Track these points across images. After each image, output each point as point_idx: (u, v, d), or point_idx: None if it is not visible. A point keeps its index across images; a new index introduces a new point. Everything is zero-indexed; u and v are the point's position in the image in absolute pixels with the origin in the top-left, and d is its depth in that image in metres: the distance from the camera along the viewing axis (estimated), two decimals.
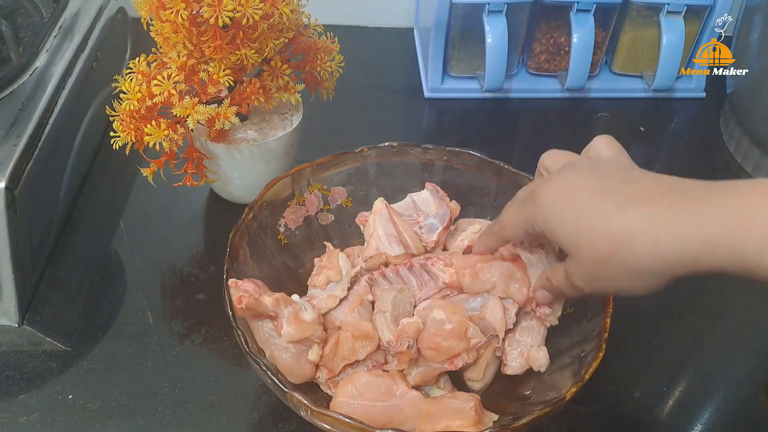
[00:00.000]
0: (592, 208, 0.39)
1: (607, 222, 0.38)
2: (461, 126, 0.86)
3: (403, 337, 0.48)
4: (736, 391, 0.57)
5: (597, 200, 0.39)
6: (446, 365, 0.49)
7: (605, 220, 0.38)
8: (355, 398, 0.47)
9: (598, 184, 0.40)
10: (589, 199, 0.39)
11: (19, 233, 0.56)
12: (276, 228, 0.58)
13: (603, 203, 0.39)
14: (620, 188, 0.39)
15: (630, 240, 0.37)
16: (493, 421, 0.47)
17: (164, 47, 0.57)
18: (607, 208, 0.38)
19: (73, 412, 0.52)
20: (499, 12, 0.78)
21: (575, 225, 0.39)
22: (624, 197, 0.38)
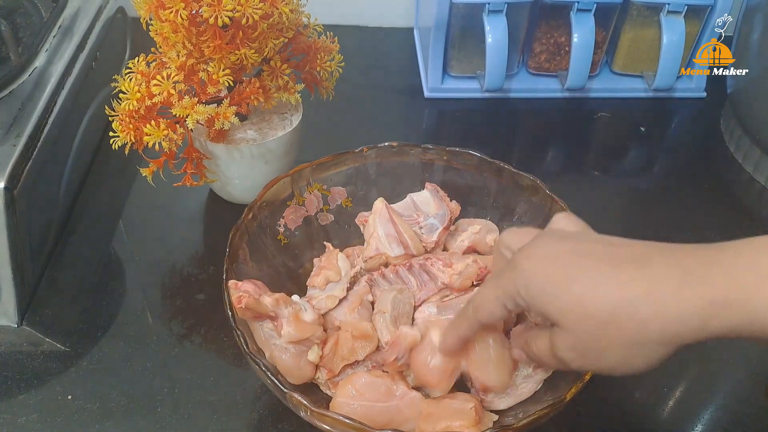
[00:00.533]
0: (583, 271, 0.34)
1: (601, 285, 0.34)
2: (461, 126, 0.86)
3: (395, 348, 0.48)
4: (736, 391, 0.57)
5: (586, 262, 0.35)
6: None
7: (599, 283, 0.34)
8: (354, 399, 0.47)
9: (584, 247, 0.36)
10: (578, 261, 0.35)
11: (18, 233, 0.56)
12: (276, 228, 0.58)
13: (593, 265, 0.34)
14: (609, 250, 0.35)
15: (630, 304, 0.33)
16: (493, 421, 0.47)
17: (164, 47, 0.57)
18: (600, 270, 0.34)
19: (72, 412, 0.52)
20: (500, 12, 0.78)
21: (564, 290, 0.35)
22: (616, 258, 0.34)
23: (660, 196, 0.76)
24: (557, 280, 0.35)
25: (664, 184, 0.79)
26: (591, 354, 0.35)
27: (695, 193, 0.76)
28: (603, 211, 0.72)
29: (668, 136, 0.86)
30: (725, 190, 0.77)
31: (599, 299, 0.34)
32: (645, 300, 0.33)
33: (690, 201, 0.75)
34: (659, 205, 0.75)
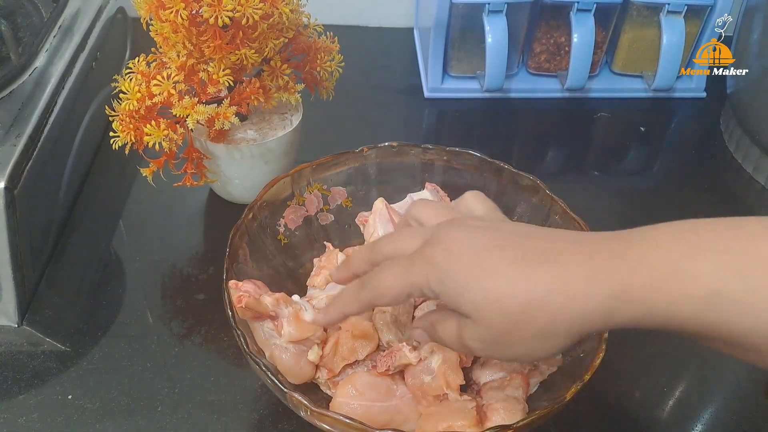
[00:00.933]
0: (495, 266, 0.35)
1: (514, 280, 0.34)
2: (461, 126, 0.86)
3: (388, 360, 0.48)
4: (736, 391, 0.57)
5: (499, 257, 0.35)
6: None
7: (512, 279, 0.34)
8: (354, 398, 0.47)
9: (496, 240, 0.36)
10: (492, 256, 0.35)
11: (18, 233, 0.56)
12: (276, 228, 0.58)
13: (506, 260, 0.35)
14: (522, 243, 0.36)
15: (540, 300, 0.34)
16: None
17: (164, 47, 0.57)
18: (513, 266, 0.35)
19: (72, 412, 0.52)
20: (499, 12, 0.78)
21: (477, 286, 0.35)
22: (528, 252, 0.35)
23: (660, 196, 0.76)
24: (472, 276, 0.35)
25: (664, 184, 0.79)
26: (498, 345, 0.36)
27: (695, 193, 0.76)
28: (603, 211, 0.72)
29: (668, 136, 0.86)
30: (725, 190, 0.77)
31: (512, 296, 0.34)
32: (554, 296, 0.34)
33: (690, 201, 0.75)
34: (659, 205, 0.75)
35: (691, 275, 0.32)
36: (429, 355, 0.49)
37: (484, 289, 0.35)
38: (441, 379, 0.47)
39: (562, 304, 0.34)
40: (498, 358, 0.41)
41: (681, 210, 0.73)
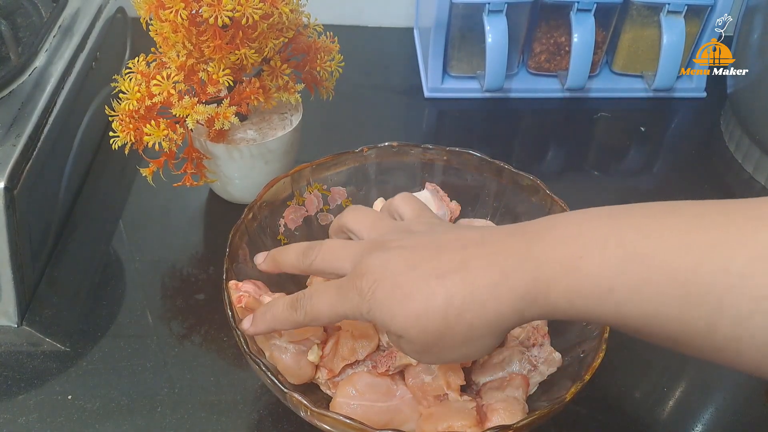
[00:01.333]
0: (413, 287, 0.37)
1: (431, 297, 0.37)
2: (461, 126, 0.86)
3: (388, 361, 0.48)
4: (736, 391, 0.57)
5: (415, 277, 0.38)
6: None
7: (428, 296, 0.37)
8: (354, 399, 0.47)
9: (411, 260, 0.39)
10: (408, 278, 0.38)
11: (18, 233, 0.56)
12: (276, 228, 0.58)
13: (422, 279, 0.37)
14: (432, 257, 0.38)
15: (457, 310, 0.36)
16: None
17: (163, 47, 0.57)
18: (430, 284, 0.37)
19: (72, 412, 0.52)
20: (499, 12, 0.78)
21: (401, 310, 0.38)
22: (440, 266, 0.38)
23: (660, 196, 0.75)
24: (395, 301, 0.38)
25: (664, 184, 0.79)
26: (433, 355, 0.39)
27: (695, 193, 0.76)
28: None
29: (668, 136, 0.86)
30: (725, 190, 0.77)
31: (431, 312, 0.37)
32: (468, 305, 0.36)
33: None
34: None
35: (584, 273, 0.34)
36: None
37: (406, 312, 0.37)
38: (441, 379, 0.47)
39: (477, 311, 0.36)
40: (436, 364, 0.44)
41: None
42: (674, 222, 0.35)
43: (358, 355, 0.49)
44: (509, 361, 0.50)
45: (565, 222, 0.37)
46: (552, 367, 0.49)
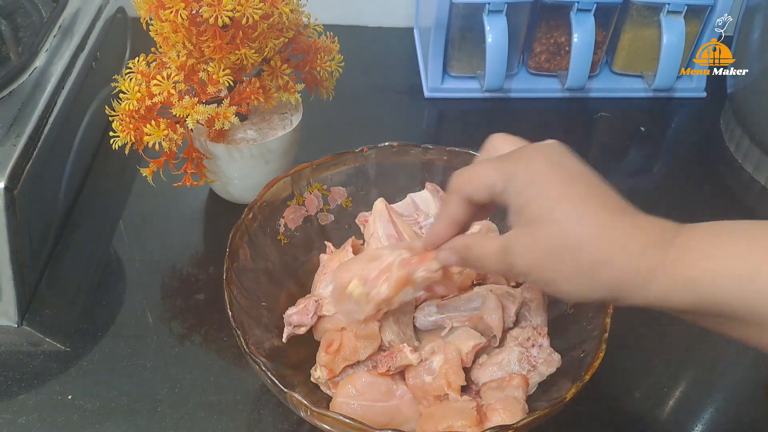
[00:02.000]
0: (576, 195, 0.37)
1: (587, 215, 0.36)
2: (461, 126, 0.86)
3: (389, 361, 0.48)
4: (736, 391, 0.57)
5: (585, 193, 0.37)
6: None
7: (587, 212, 0.36)
8: (355, 398, 0.47)
9: (591, 181, 0.38)
10: (578, 188, 0.37)
11: (18, 233, 0.56)
12: (276, 228, 0.58)
13: (590, 200, 0.37)
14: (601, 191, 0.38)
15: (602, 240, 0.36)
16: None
17: (164, 47, 0.57)
18: (590, 201, 0.37)
19: (72, 412, 0.52)
20: (500, 12, 0.78)
21: (556, 200, 0.37)
22: (606, 201, 0.37)
23: (660, 196, 0.76)
24: (552, 187, 0.37)
25: (664, 184, 0.79)
26: (541, 264, 0.38)
27: (695, 193, 0.76)
28: None
29: (668, 136, 0.86)
30: (725, 190, 0.77)
31: (579, 228, 0.36)
32: (614, 247, 0.36)
33: (690, 201, 0.75)
34: (659, 205, 0.74)
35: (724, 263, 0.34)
36: (430, 356, 0.49)
37: (558, 207, 0.37)
38: (442, 379, 0.47)
39: (614, 255, 0.36)
40: (531, 281, 0.40)
41: (681, 210, 0.73)
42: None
43: (360, 356, 0.49)
44: (509, 362, 0.50)
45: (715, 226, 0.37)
46: (551, 368, 0.49)
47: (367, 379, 0.48)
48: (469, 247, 0.42)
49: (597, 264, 0.36)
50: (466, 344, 0.49)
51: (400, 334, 0.50)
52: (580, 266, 0.36)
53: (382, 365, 0.48)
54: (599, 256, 0.36)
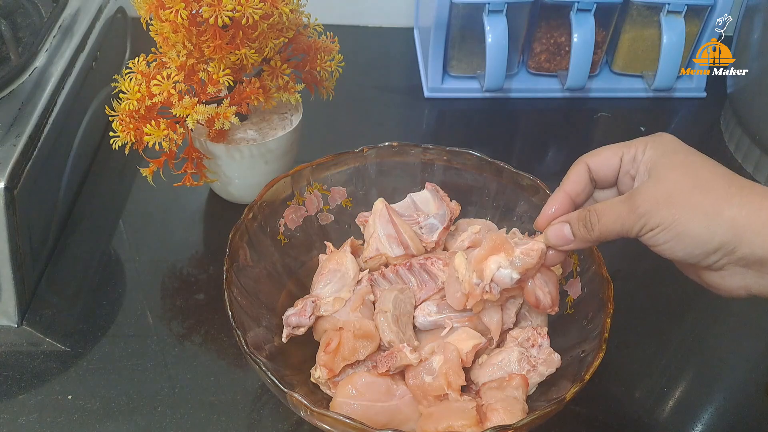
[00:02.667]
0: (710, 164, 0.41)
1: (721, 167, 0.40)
2: (461, 126, 0.86)
3: (389, 361, 0.49)
4: (736, 391, 0.57)
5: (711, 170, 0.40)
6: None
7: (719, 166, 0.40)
8: (354, 398, 0.47)
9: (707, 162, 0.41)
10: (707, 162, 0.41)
11: (18, 233, 0.56)
12: (276, 228, 0.58)
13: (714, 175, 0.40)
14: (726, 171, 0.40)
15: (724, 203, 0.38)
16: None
17: (164, 47, 0.57)
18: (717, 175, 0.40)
19: (72, 412, 0.52)
20: (500, 12, 0.78)
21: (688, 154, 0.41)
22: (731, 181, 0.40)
23: None
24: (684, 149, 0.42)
25: None
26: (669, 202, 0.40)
27: None
28: None
29: None
30: None
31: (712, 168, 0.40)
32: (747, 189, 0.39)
33: None
34: None
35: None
36: (430, 356, 0.49)
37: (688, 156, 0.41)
38: (442, 379, 0.47)
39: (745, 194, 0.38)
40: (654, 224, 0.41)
41: None
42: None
43: (359, 355, 0.49)
44: (508, 362, 0.50)
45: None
46: (551, 368, 0.49)
47: (367, 379, 0.48)
48: (588, 215, 0.44)
49: (726, 200, 0.38)
50: (466, 344, 0.49)
51: (400, 333, 0.50)
52: (709, 201, 0.38)
53: (382, 365, 0.48)
54: (729, 191, 0.38)
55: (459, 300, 0.49)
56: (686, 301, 0.64)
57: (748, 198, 0.38)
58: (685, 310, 0.63)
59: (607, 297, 0.49)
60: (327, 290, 0.54)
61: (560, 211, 0.47)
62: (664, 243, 0.40)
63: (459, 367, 0.48)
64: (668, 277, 0.65)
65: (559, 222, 0.46)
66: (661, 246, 0.41)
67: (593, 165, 0.46)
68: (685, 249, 0.40)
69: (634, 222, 0.41)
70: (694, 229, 0.39)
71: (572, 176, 0.47)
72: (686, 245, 0.40)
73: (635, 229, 0.41)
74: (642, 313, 0.62)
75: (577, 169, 0.47)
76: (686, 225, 0.39)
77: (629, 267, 0.66)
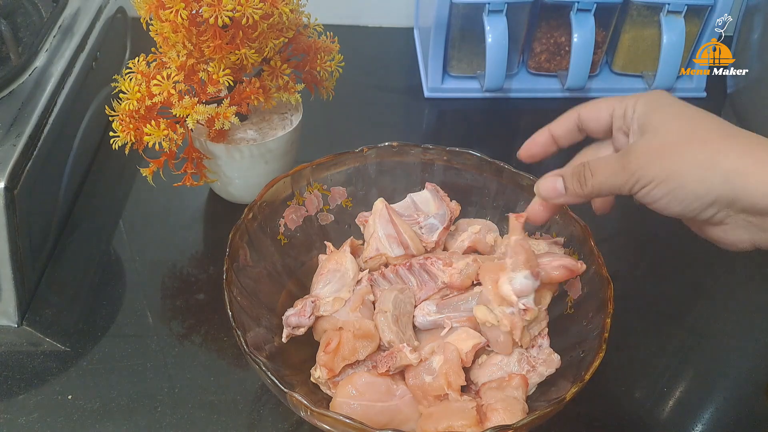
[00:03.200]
0: (703, 115, 0.40)
1: (708, 120, 0.39)
2: (461, 126, 0.86)
3: (389, 361, 0.49)
4: (736, 391, 0.57)
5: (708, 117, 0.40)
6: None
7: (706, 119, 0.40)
8: (354, 398, 0.47)
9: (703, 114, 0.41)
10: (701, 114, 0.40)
11: (18, 233, 0.56)
12: (276, 228, 0.58)
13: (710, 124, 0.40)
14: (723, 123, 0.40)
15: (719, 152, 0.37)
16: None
17: (164, 47, 0.57)
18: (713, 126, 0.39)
19: (72, 412, 0.52)
20: (500, 12, 0.78)
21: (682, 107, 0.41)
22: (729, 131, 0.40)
23: None
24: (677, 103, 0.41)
25: None
26: (665, 157, 0.39)
27: None
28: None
29: None
30: None
31: (707, 119, 0.40)
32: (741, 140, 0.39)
33: None
34: None
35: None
36: (430, 356, 0.49)
37: (682, 108, 0.41)
38: (442, 379, 0.47)
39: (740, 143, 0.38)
40: (650, 179, 0.40)
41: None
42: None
43: (359, 355, 0.49)
44: (508, 362, 0.50)
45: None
46: (551, 368, 0.49)
47: (367, 379, 0.48)
48: (582, 169, 0.44)
49: (722, 152, 0.37)
50: (466, 344, 0.49)
51: (400, 333, 0.50)
52: (705, 153, 0.37)
53: (382, 365, 0.48)
54: (726, 143, 0.38)
55: (506, 343, 0.49)
56: (686, 301, 0.64)
57: (747, 149, 0.38)
58: (685, 310, 0.63)
59: (607, 297, 0.49)
60: (326, 290, 0.54)
61: (539, 143, 0.50)
62: (659, 199, 0.39)
63: (459, 367, 0.48)
64: (668, 277, 0.65)
65: (552, 175, 0.46)
66: (657, 203, 0.39)
67: (584, 114, 0.46)
68: (681, 203, 0.38)
69: (627, 178, 0.40)
70: (689, 183, 0.38)
71: (561, 119, 0.48)
72: (682, 200, 0.38)
73: (628, 186, 0.40)
74: (642, 313, 0.62)
75: (567, 114, 0.48)
76: (681, 179, 0.38)
77: (629, 267, 0.66)
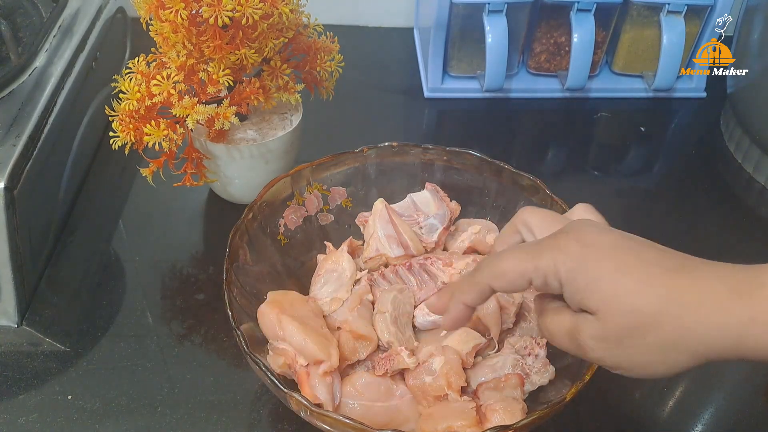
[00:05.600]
0: (631, 265, 0.34)
1: (649, 282, 0.33)
2: (461, 126, 0.86)
3: (387, 363, 0.48)
4: (736, 392, 0.57)
5: (634, 258, 0.34)
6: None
7: (646, 280, 0.33)
8: (354, 398, 0.47)
9: (629, 243, 0.35)
10: (625, 254, 0.35)
11: (18, 233, 0.56)
12: (276, 228, 0.58)
13: (642, 262, 0.34)
14: (654, 250, 0.35)
15: (678, 309, 0.33)
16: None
17: (164, 47, 0.57)
18: (648, 268, 0.34)
19: (72, 412, 0.52)
20: (500, 12, 0.78)
21: (610, 280, 0.34)
22: (663, 260, 0.34)
23: (660, 196, 0.76)
24: (605, 270, 0.34)
25: (664, 184, 0.79)
26: (617, 350, 0.35)
27: (695, 193, 0.76)
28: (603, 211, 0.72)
29: (668, 136, 0.86)
30: (725, 190, 0.77)
31: (645, 296, 0.33)
32: (693, 308, 0.33)
33: (690, 201, 0.75)
34: (659, 205, 0.75)
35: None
36: (428, 359, 0.49)
37: (616, 285, 0.34)
38: (443, 380, 0.47)
39: (699, 318, 0.32)
40: (610, 366, 0.37)
41: (681, 210, 0.73)
42: None
43: (359, 355, 0.49)
44: (503, 365, 0.50)
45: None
46: (544, 380, 0.49)
47: (366, 379, 0.48)
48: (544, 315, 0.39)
49: (679, 333, 0.33)
50: (466, 345, 0.49)
51: (398, 334, 0.50)
52: (661, 341, 0.33)
53: (380, 368, 0.48)
54: (680, 323, 0.33)
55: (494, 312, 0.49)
56: None
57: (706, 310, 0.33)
58: None
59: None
60: (324, 291, 0.54)
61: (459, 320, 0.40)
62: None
63: (460, 367, 0.48)
64: None
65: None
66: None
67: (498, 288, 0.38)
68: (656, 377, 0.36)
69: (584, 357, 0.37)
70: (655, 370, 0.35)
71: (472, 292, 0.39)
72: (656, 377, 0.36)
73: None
74: None
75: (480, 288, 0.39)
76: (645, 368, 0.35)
77: None
